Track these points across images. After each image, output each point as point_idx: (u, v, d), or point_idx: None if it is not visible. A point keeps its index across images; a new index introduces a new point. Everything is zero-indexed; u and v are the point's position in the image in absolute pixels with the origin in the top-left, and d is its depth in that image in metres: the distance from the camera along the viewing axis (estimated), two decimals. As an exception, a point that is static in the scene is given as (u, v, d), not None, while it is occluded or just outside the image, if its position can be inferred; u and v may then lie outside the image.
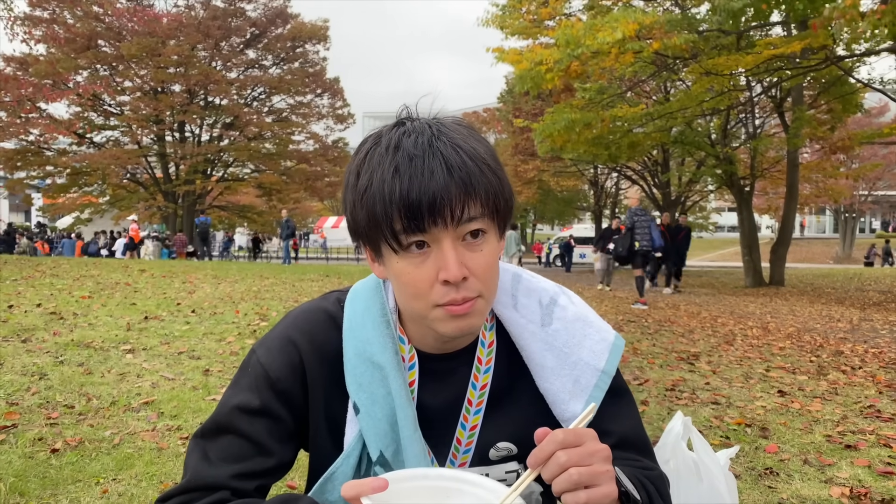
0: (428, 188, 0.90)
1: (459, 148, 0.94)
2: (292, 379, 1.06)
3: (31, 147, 29.93)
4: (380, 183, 0.92)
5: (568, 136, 15.29)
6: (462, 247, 0.94)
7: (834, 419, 4.06)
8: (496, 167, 0.97)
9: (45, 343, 5.20)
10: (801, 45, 11.87)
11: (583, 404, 1.07)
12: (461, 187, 0.91)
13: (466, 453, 1.10)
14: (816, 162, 22.45)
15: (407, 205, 0.90)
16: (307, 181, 35.16)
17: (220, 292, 9.25)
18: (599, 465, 0.84)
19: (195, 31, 30.33)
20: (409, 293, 0.98)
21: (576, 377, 1.08)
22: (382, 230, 0.93)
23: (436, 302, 0.95)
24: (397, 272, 0.97)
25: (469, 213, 0.93)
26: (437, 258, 0.94)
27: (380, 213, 0.92)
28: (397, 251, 0.94)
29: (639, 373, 5.32)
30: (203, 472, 1.01)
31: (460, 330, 0.98)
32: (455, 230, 0.93)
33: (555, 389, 1.08)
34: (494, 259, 0.98)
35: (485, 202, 0.94)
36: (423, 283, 0.95)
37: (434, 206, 0.90)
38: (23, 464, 2.80)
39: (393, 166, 0.92)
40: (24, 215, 56.82)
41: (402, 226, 0.92)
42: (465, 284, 0.94)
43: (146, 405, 3.75)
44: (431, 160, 0.92)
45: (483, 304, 0.98)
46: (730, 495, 1.60)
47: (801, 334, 8.05)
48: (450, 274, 0.92)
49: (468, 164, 0.93)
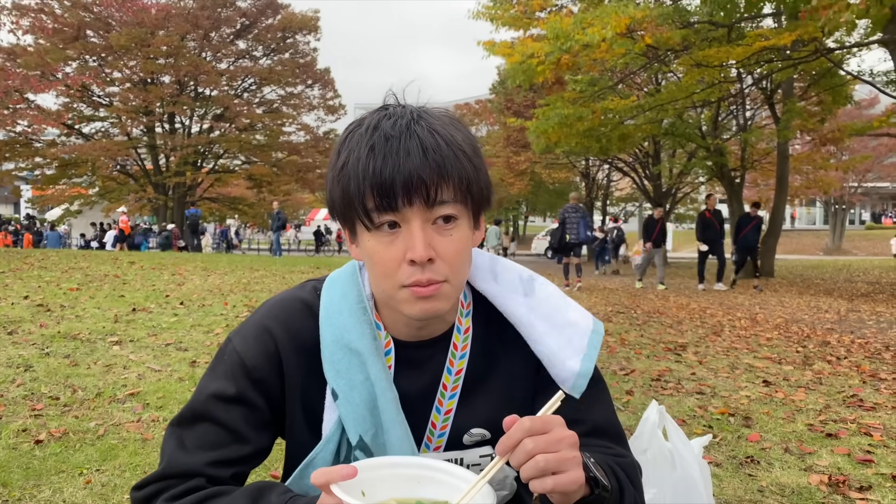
0: (402, 168, 0.91)
1: (436, 132, 0.95)
2: (268, 367, 1.07)
3: (19, 138, 29.64)
4: (355, 161, 0.94)
5: (561, 131, 15.30)
6: (432, 230, 0.96)
7: (817, 408, 4.10)
8: (473, 156, 0.98)
9: (31, 335, 5.18)
10: (791, 36, 11.89)
11: (580, 362, 1.08)
12: (434, 170, 0.93)
13: (441, 437, 1.11)
14: (807, 154, 22.55)
15: (379, 183, 0.92)
16: (298, 173, 35.00)
17: (209, 284, 9.23)
18: (566, 451, 0.85)
19: (184, 21, 30.06)
20: (378, 272, 0.99)
21: (569, 337, 1.09)
22: (355, 207, 0.95)
23: (402, 282, 0.96)
24: (369, 251, 0.99)
25: (441, 196, 0.94)
26: (406, 238, 0.95)
27: (353, 191, 0.94)
28: (369, 229, 0.96)
29: (625, 363, 5.35)
30: (179, 459, 1.02)
31: (425, 312, 0.98)
32: (426, 212, 0.94)
33: (550, 350, 1.09)
34: (464, 246, 0.99)
35: (457, 187, 0.95)
36: (391, 263, 0.96)
37: (407, 186, 0.92)
38: (6, 455, 2.80)
39: (369, 145, 0.94)
40: (13, 207, 56.46)
41: (375, 204, 0.93)
42: (431, 266, 0.95)
43: (132, 396, 3.75)
44: (408, 141, 0.93)
45: (449, 289, 0.99)
46: (703, 482, 1.62)
47: (788, 325, 8.11)
48: (416, 254, 0.93)
49: (443, 148, 0.94)
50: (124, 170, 32.87)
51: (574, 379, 1.07)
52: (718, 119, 20.98)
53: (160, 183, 31.46)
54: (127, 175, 32.94)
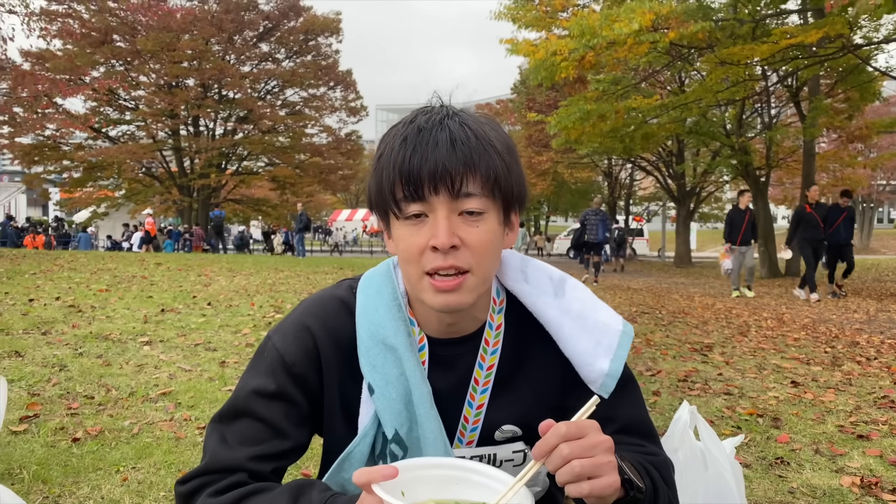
0: (430, 158, 0.95)
1: (468, 127, 0.99)
2: (307, 363, 1.10)
3: (47, 142, 30.23)
4: (388, 152, 0.99)
5: (582, 127, 15.23)
6: (458, 220, 0.98)
7: (847, 409, 4.05)
8: (504, 152, 1.00)
9: (64, 335, 5.29)
10: (818, 33, 11.75)
11: (609, 362, 1.09)
12: (461, 161, 0.96)
13: (473, 431, 1.13)
14: (833, 151, 22.22)
15: (407, 171, 0.96)
16: (320, 174, 35.29)
17: (235, 285, 9.34)
18: (601, 456, 0.87)
19: (209, 25, 30.43)
20: (405, 258, 1.02)
21: (598, 338, 1.10)
22: (385, 196, 0.99)
23: (424, 268, 0.99)
24: (397, 238, 1.02)
25: (467, 188, 0.97)
26: (431, 226, 0.98)
27: (385, 180, 0.98)
28: (398, 217, 1.00)
29: (651, 364, 5.33)
30: (221, 454, 1.05)
31: (447, 304, 1.01)
32: (452, 203, 0.97)
33: (579, 350, 1.10)
34: (491, 238, 1.01)
35: (485, 180, 0.98)
36: (415, 249, 0.99)
37: (433, 176, 0.95)
38: (45, 452, 2.86)
39: (402, 137, 0.98)
40: (41, 209, 57.43)
41: (403, 193, 0.97)
42: (454, 253, 0.97)
43: (164, 396, 3.81)
44: (439, 133, 0.97)
45: (473, 282, 1.00)
46: (735, 483, 1.62)
47: (816, 325, 8.01)
48: (438, 240, 0.96)
49: (471, 141, 0.97)
50: (150, 172, 33.35)
51: (603, 379, 1.09)
52: (743, 117, 20.76)
53: (185, 185, 31.87)
54: (152, 177, 33.41)
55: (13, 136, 28.29)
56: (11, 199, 41.31)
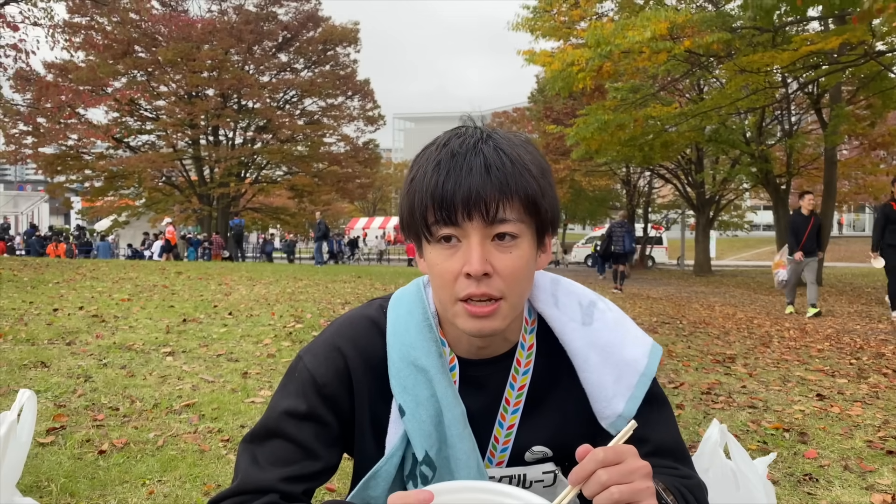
0: (463, 183, 0.94)
1: (503, 151, 0.97)
2: (338, 384, 1.10)
3: (70, 151, 30.65)
4: (421, 176, 0.98)
5: (601, 137, 15.18)
6: (491, 246, 0.97)
7: (875, 424, 3.99)
8: (539, 176, 0.99)
9: (88, 346, 5.34)
10: (838, 40, 11.62)
11: (624, 403, 1.08)
12: (496, 187, 0.95)
13: (504, 452, 1.13)
14: (855, 158, 21.95)
15: (441, 197, 0.95)
16: (338, 183, 35.49)
17: (255, 294, 9.39)
18: (640, 482, 0.86)
19: (228, 35, 30.76)
20: (437, 284, 1.02)
21: (618, 375, 1.10)
22: (417, 220, 0.99)
23: (457, 295, 0.99)
24: (430, 261, 1.02)
25: (502, 214, 0.96)
26: (465, 252, 0.97)
27: (417, 204, 0.98)
28: (430, 241, 0.99)
29: (674, 376, 5.28)
30: (253, 475, 1.05)
31: (480, 330, 1.00)
32: (486, 228, 0.96)
33: (597, 385, 1.10)
34: (524, 263, 1.00)
35: (521, 206, 0.97)
36: (448, 275, 0.99)
37: (467, 202, 0.94)
38: (72, 465, 2.89)
39: (436, 161, 0.97)
40: (63, 218, 58.15)
41: (435, 217, 0.96)
42: (487, 281, 0.97)
43: (187, 407, 3.84)
44: (472, 158, 0.96)
45: (506, 308, 1.00)
46: (768, 503, 1.60)
47: (839, 336, 7.91)
48: (472, 267, 0.95)
49: (507, 167, 0.96)
50: (170, 181, 33.71)
51: (615, 419, 1.08)
52: (763, 125, 20.59)
53: (205, 194, 32.16)
54: (172, 186, 33.76)
55: (37, 147, 28.72)
56: (34, 209, 41.89)
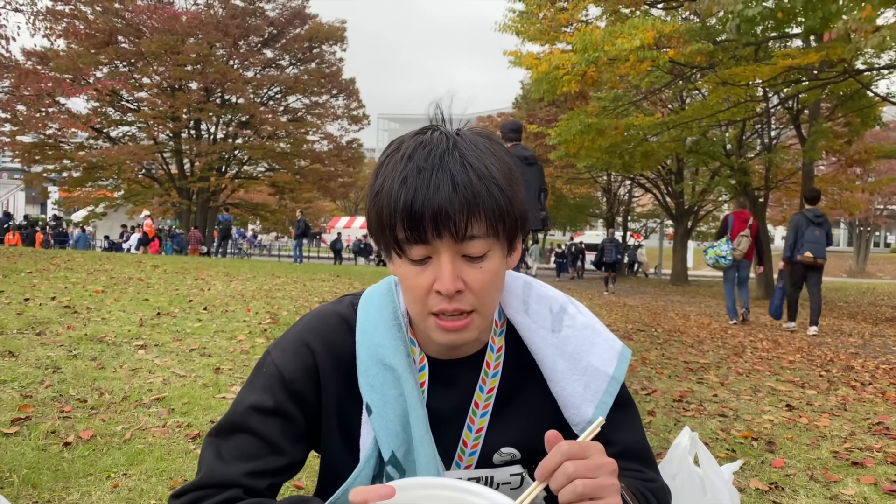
0: (431, 202, 0.92)
1: (470, 165, 0.95)
2: (306, 380, 1.09)
3: (48, 141, 30.24)
4: (388, 190, 0.95)
5: (582, 141, 15.26)
6: (462, 261, 0.97)
7: (842, 435, 4.04)
8: (506, 187, 0.97)
9: (59, 336, 5.26)
10: (817, 56, 11.83)
11: (594, 409, 1.09)
12: (464, 205, 0.93)
13: (472, 455, 1.12)
14: (832, 174, 22.31)
15: (409, 215, 0.93)
16: (320, 181, 35.35)
17: (231, 290, 9.31)
18: (605, 478, 0.86)
19: (214, 29, 30.53)
20: (409, 297, 1.02)
21: (586, 382, 1.10)
22: (386, 234, 0.97)
23: (430, 309, 0.99)
24: (401, 275, 1.01)
25: (471, 231, 0.95)
26: (435, 268, 0.96)
27: (385, 219, 0.96)
28: (400, 256, 0.98)
29: (647, 383, 5.32)
30: (216, 469, 1.04)
31: (453, 342, 1.01)
32: (456, 245, 0.95)
33: (566, 393, 1.10)
34: (495, 276, 1.00)
35: (489, 221, 0.96)
36: (419, 290, 0.98)
37: (436, 221, 0.93)
38: (36, 456, 2.84)
39: (402, 176, 0.95)
40: (39, 207, 57.36)
41: (405, 235, 0.95)
42: (459, 297, 0.97)
43: (157, 401, 3.79)
44: (439, 175, 0.93)
45: (479, 320, 1.01)
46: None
47: (811, 348, 8.01)
48: (443, 286, 0.95)
49: (474, 184, 0.94)
50: (149, 174, 33.38)
51: (585, 425, 1.09)
52: (743, 138, 20.85)
53: (184, 187, 31.88)
54: (152, 179, 33.43)
55: (15, 135, 28.27)
56: (10, 197, 41.28)
